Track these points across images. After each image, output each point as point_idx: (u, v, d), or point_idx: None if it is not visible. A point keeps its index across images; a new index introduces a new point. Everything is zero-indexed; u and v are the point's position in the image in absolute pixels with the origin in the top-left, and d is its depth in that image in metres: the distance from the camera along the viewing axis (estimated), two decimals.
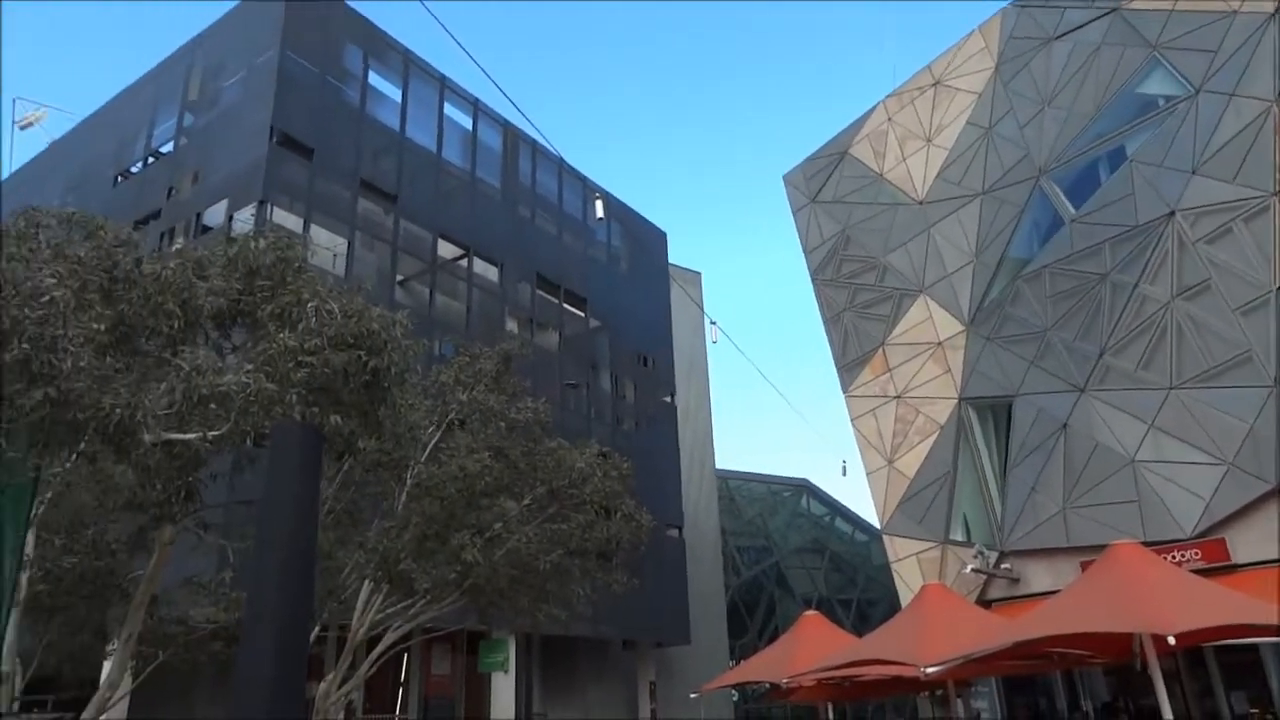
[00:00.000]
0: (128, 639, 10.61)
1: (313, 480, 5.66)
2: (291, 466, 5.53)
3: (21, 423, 7.64)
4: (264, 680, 5.01)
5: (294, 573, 5.30)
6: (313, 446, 5.72)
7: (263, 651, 5.08)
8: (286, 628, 5.15)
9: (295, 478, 5.50)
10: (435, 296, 26.47)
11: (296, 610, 5.26)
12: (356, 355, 8.81)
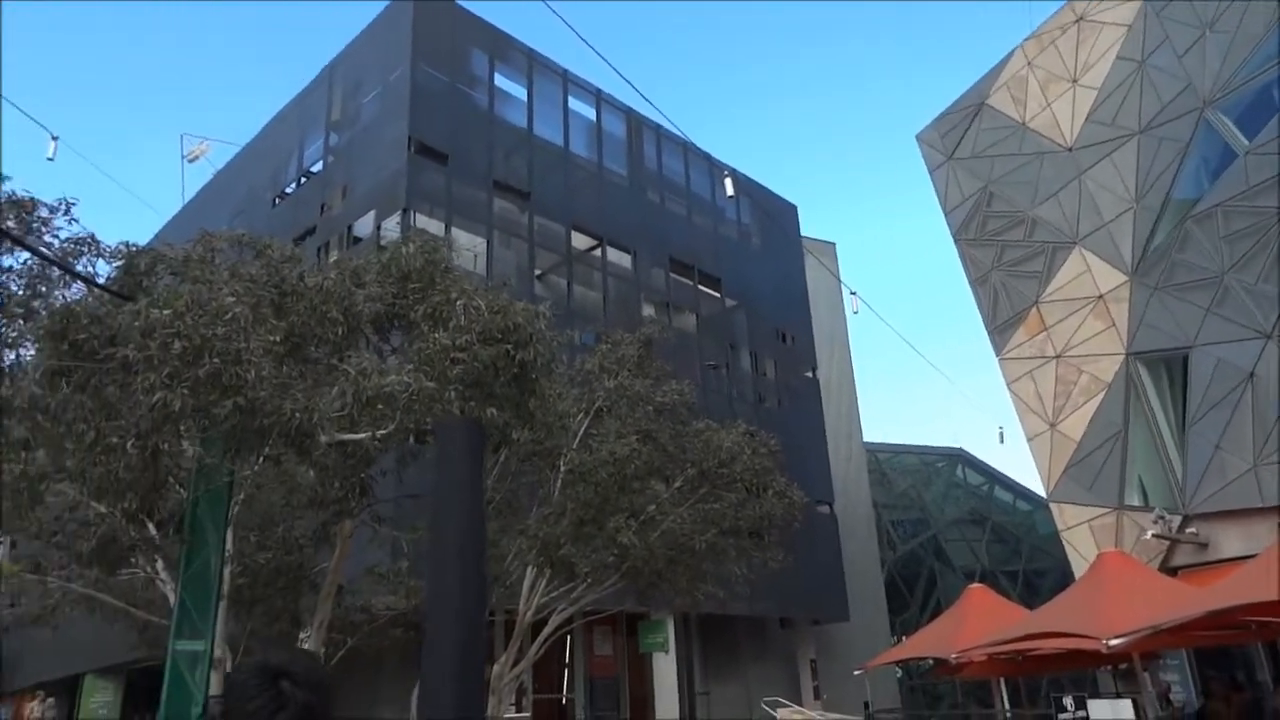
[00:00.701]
0: (319, 626, 11.45)
1: (477, 471, 5.91)
2: (457, 460, 5.79)
3: (216, 431, 8.34)
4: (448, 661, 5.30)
5: (468, 559, 5.56)
6: (475, 439, 5.97)
7: (445, 634, 5.36)
8: (464, 611, 5.42)
9: (461, 470, 5.76)
10: (572, 288, 27.00)
11: (472, 594, 5.52)
12: (505, 349, 9.13)
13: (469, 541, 5.66)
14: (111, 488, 9.28)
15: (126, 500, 9.64)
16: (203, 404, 7.45)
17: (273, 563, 12.19)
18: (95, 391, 8.04)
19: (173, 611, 10.54)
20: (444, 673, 5.28)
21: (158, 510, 10.54)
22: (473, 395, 9.16)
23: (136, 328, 7.44)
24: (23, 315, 10.18)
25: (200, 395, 7.40)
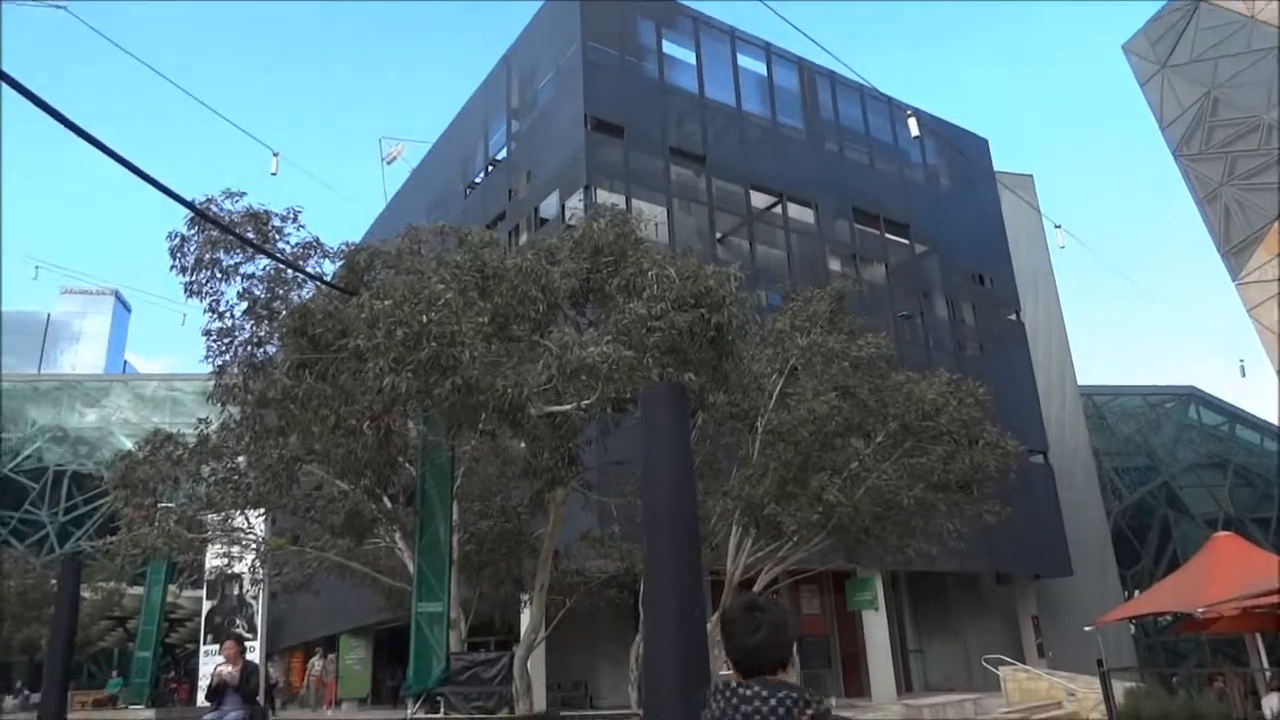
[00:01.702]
0: (540, 589, 12.13)
1: (683, 433, 6.03)
2: (663, 423, 5.94)
3: (437, 410, 8.99)
4: (668, 623, 5.46)
5: (680, 520, 5.70)
6: (679, 403, 6.09)
7: (664, 597, 5.53)
8: (680, 572, 5.56)
9: (668, 433, 5.90)
10: (755, 248, 26.75)
11: (688, 551, 5.65)
12: (699, 314, 9.21)
13: (680, 503, 5.80)
14: (352, 466, 10.24)
15: (365, 477, 10.61)
16: (425, 385, 8.03)
17: (494, 530, 13.01)
18: (333, 380, 8.86)
19: (412, 577, 11.53)
20: (665, 634, 5.44)
21: (392, 485, 11.52)
22: (670, 362, 9.32)
23: (363, 319, 8.12)
24: (266, 316, 11.37)
25: (422, 377, 7.98)
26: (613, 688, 20.64)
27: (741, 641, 2.21)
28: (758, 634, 2.21)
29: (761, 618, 2.22)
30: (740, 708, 2.04)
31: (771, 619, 2.23)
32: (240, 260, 10.98)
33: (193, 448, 12.65)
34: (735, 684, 2.14)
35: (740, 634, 2.22)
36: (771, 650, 2.19)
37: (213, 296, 10.99)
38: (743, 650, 2.20)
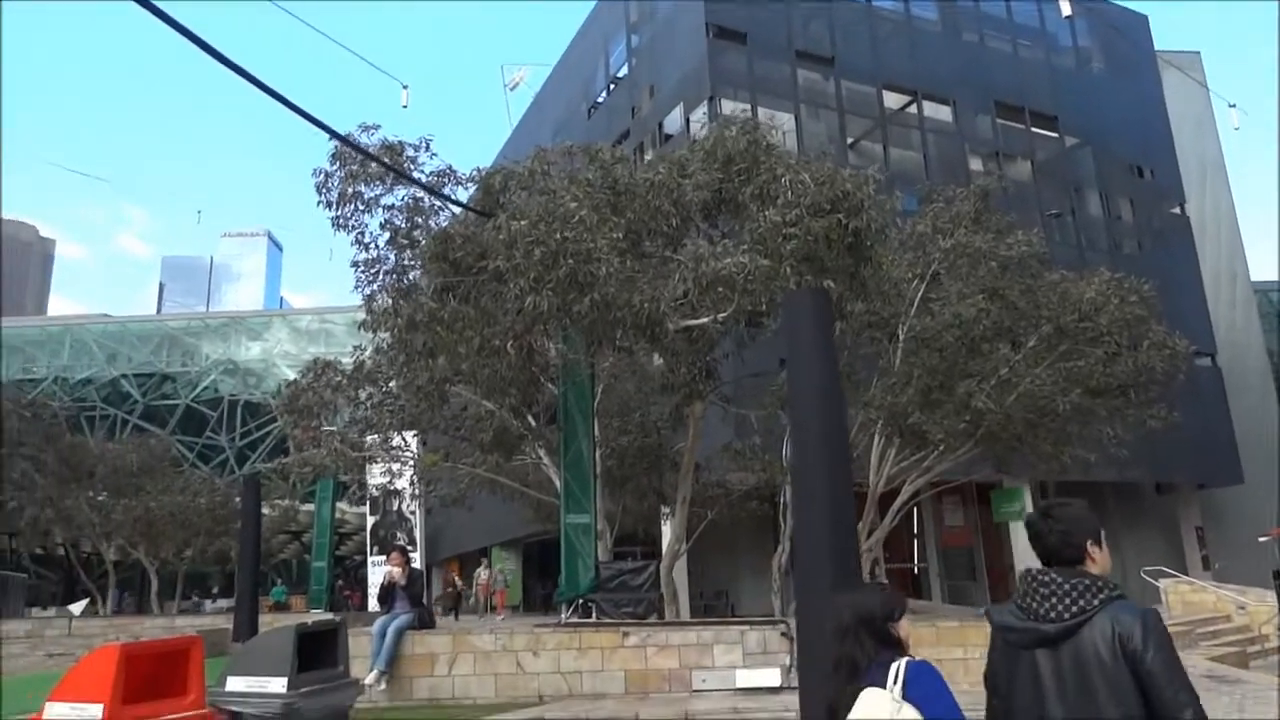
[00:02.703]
0: (682, 502, 12.35)
1: (828, 337, 5.89)
2: (808, 328, 5.81)
3: (576, 327, 9.13)
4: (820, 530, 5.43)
5: (829, 425, 5.61)
6: (823, 307, 5.94)
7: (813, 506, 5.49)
8: (832, 469, 5.50)
9: (812, 338, 5.78)
10: (888, 151, 25.56)
11: (837, 458, 5.58)
12: (836, 219, 8.90)
13: (828, 407, 5.70)
14: (497, 386, 10.60)
15: (510, 396, 10.97)
16: (564, 303, 8.14)
17: (634, 445, 13.28)
18: (475, 302, 9.12)
19: (559, 491, 11.95)
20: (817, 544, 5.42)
21: (536, 403, 11.88)
22: (806, 270, 9.10)
23: (501, 240, 8.27)
24: (408, 245, 11.76)
25: (561, 294, 8.09)
26: (754, 598, 21.02)
27: (1041, 543, 2.50)
28: (1051, 537, 2.47)
29: (1053, 523, 2.48)
30: (1038, 590, 2.37)
31: (1060, 524, 2.48)
32: (380, 192, 11.33)
33: (349, 374, 13.38)
34: (1038, 570, 2.45)
35: (1039, 536, 2.50)
36: (1064, 549, 2.44)
37: (357, 229, 11.43)
38: (1043, 550, 2.50)
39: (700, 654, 9.28)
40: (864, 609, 2.68)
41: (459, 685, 9.29)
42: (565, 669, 9.25)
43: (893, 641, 2.63)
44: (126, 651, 4.30)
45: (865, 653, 2.58)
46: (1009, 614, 2.47)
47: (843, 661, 2.61)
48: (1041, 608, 2.36)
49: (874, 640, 2.60)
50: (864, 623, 2.63)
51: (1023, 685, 2.40)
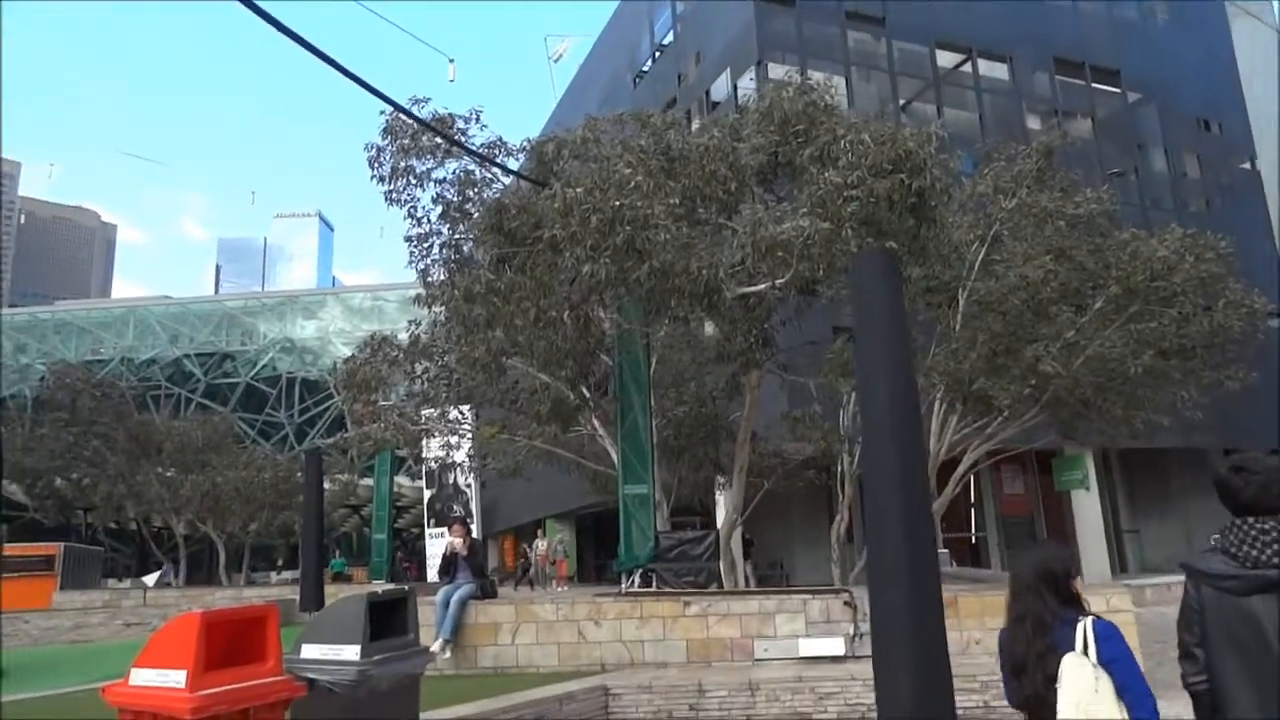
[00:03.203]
0: (739, 471, 12.26)
1: (897, 298, 5.69)
2: (876, 290, 5.63)
3: (632, 296, 9.05)
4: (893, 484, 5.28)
5: (900, 391, 5.45)
6: (891, 268, 5.74)
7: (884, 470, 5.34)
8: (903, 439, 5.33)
9: (881, 299, 5.60)
10: (942, 112, 24.86)
11: (909, 423, 5.42)
12: (899, 179, 8.66)
13: (898, 374, 5.52)
14: (554, 357, 10.59)
15: (566, 368, 10.96)
16: (623, 270, 8.06)
17: (690, 415, 13.20)
18: (530, 272, 9.08)
19: (616, 462, 11.94)
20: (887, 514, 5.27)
21: (592, 374, 11.85)
22: (866, 234, 8.88)
23: (556, 208, 8.19)
24: (459, 218, 11.76)
25: (619, 262, 8.00)
26: (810, 567, 20.92)
27: (1236, 498, 2.56)
28: (1248, 489, 2.53)
29: (1249, 476, 2.54)
30: (1257, 538, 2.45)
31: (1259, 475, 2.54)
32: (432, 165, 11.34)
33: (406, 348, 13.49)
34: (1253, 520, 2.50)
35: (1233, 492, 2.56)
36: (1260, 499, 2.51)
37: (410, 203, 11.46)
38: (1238, 504, 2.55)
39: (762, 623, 9.23)
40: (1045, 566, 2.73)
41: (522, 654, 9.38)
42: (627, 638, 9.27)
43: (1073, 598, 2.69)
44: (207, 620, 4.36)
45: (1050, 609, 2.64)
46: (1217, 563, 2.53)
47: (1027, 616, 2.67)
48: (1263, 555, 2.43)
49: (1056, 597, 2.66)
50: (1045, 580, 2.70)
51: (1233, 630, 2.46)
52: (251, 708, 4.39)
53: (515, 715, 7.14)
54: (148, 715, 4.24)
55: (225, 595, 23.06)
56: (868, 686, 8.12)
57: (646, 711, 8.19)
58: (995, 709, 8.11)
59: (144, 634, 19.57)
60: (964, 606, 9.05)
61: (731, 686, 8.17)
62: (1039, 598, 2.67)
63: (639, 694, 8.21)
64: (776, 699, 8.14)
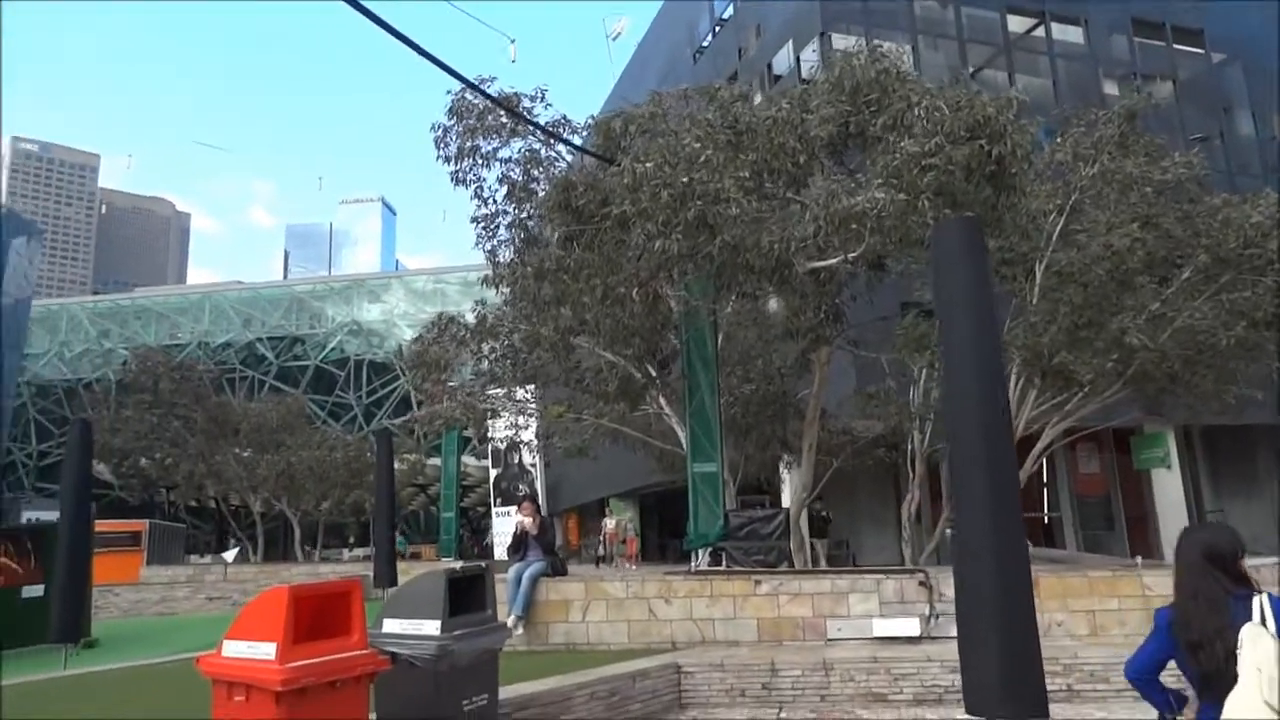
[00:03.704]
0: (808, 449, 12.10)
1: (982, 268, 5.49)
2: (959, 261, 5.43)
3: (701, 272, 8.94)
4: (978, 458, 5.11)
5: (985, 364, 5.26)
6: (975, 237, 5.53)
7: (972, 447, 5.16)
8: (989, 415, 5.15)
9: (966, 271, 5.40)
10: (1014, 79, 24.06)
11: (995, 398, 5.23)
12: (977, 146, 8.36)
13: (983, 347, 5.33)
14: (621, 335, 10.55)
15: (634, 346, 10.91)
16: (695, 245, 7.95)
17: (758, 393, 13.05)
18: (598, 249, 9.03)
19: (684, 440, 11.89)
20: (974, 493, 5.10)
21: (659, 352, 11.78)
22: (942, 205, 8.60)
23: (625, 185, 8.11)
24: (525, 198, 11.77)
25: (691, 237, 7.89)
26: (877, 548, 20.66)
27: None
28: None
29: None
30: None
31: None
32: (497, 145, 11.35)
33: (473, 328, 13.60)
34: None
35: None
36: None
37: (476, 183, 11.50)
38: None
39: (834, 603, 9.11)
40: (1214, 548, 2.83)
41: (593, 631, 9.43)
42: (697, 616, 9.25)
43: (1242, 577, 2.77)
44: (294, 594, 4.44)
45: (1222, 586, 2.72)
46: None
47: (1200, 594, 2.75)
48: None
49: (1226, 576, 2.74)
50: (1213, 560, 2.78)
51: None
52: (338, 680, 4.46)
53: (590, 691, 7.17)
54: (240, 686, 4.34)
55: (300, 571, 23.74)
56: (945, 668, 7.98)
57: (719, 690, 8.16)
58: (1079, 692, 7.89)
59: (225, 608, 20.34)
60: (1045, 587, 8.80)
61: (805, 666, 8.09)
62: (1208, 577, 2.76)
63: (711, 672, 8.19)
64: (851, 679, 8.04)
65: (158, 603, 21.16)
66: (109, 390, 42.25)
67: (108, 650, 12.46)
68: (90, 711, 6.80)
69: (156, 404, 32.27)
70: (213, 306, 58.56)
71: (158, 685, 8.15)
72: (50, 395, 54.59)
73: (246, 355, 55.87)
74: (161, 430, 32.40)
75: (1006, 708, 4.58)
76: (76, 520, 10.73)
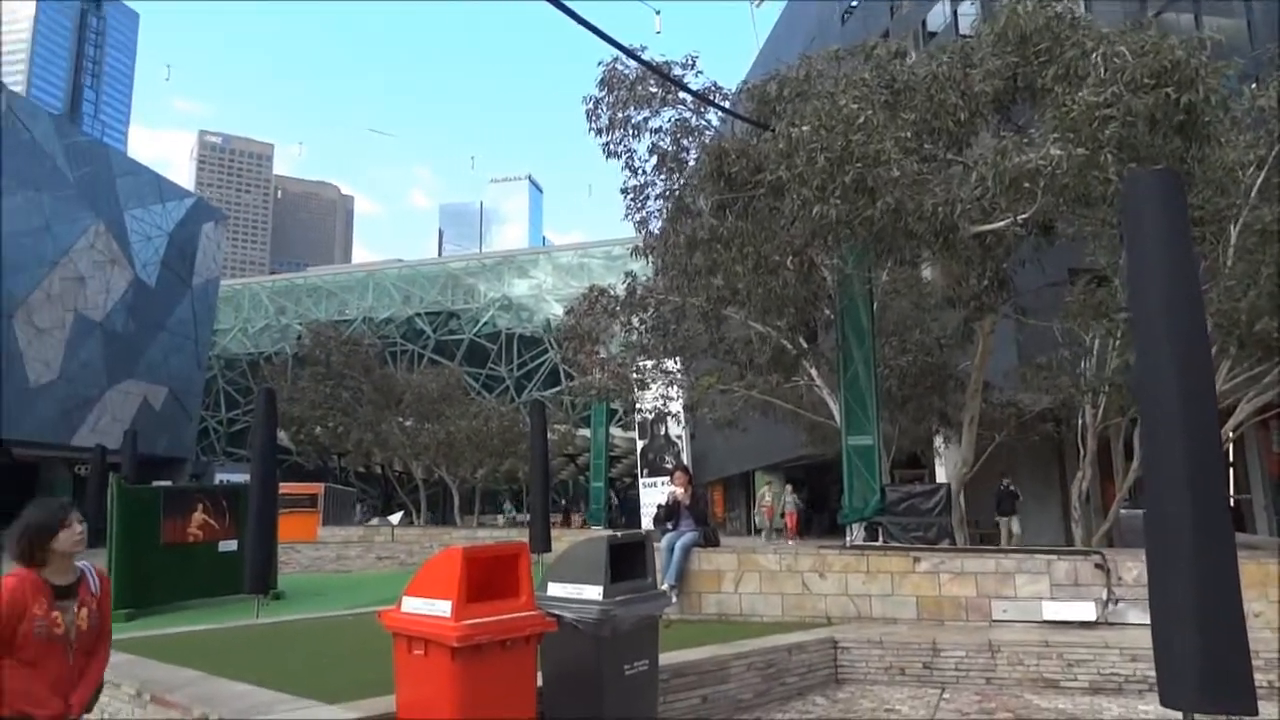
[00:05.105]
0: (970, 422, 11.57)
1: (1182, 226, 5.03)
2: (1155, 216, 4.99)
3: (858, 239, 8.64)
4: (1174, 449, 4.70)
5: (1184, 329, 4.83)
6: (1172, 190, 5.06)
7: (1169, 421, 4.75)
8: (1188, 389, 4.74)
9: (1163, 227, 4.95)
10: (1201, 22, 21.91)
11: (1197, 366, 4.80)
12: (1164, 94, 7.65)
13: (1182, 310, 4.89)
14: (773, 306, 10.38)
15: (787, 316, 10.72)
16: (855, 210, 7.68)
17: (915, 365, 12.58)
18: (751, 217, 8.88)
19: (837, 413, 11.64)
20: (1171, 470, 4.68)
21: (813, 322, 11.53)
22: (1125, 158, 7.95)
23: (780, 150, 7.92)
24: (675, 168, 11.73)
25: (851, 201, 7.63)
26: (1038, 528, 19.62)
27: None
28: None
29: None
30: None
31: None
32: (647, 115, 11.34)
33: (622, 300, 13.74)
34: None
35: None
36: None
37: (626, 154, 11.55)
38: None
39: (1000, 583, 8.70)
40: None
41: (746, 602, 9.40)
42: (853, 592, 9.05)
43: None
44: (467, 555, 4.61)
45: None
46: None
47: None
48: None
49: None
50: None
51: None
52: (509, 639, 4.62)
53: (747, 662, 7.16)
54: (419, 640, 4.57)
55: (460, 535, 24.92)
56: (1125, 656, 7.48)
57: (877, 667, 7.97)
58: None
59: (394, 566, 21.63)
60: (1245, 574, 8.07)
61: (969, 647, 7.78)
62: None
63: (869, 648, 8.01)
64: (1019, 662, 7.67)
65: (334, 560, 22.74)
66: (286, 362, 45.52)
67: (293, 602, 13.47)
68: (294, 655, 7.36)
69: (328, 375, 34.57)
70: (375, 284, 61.93)
71: (344, 634, 8.73)
72: (236, 368, 59.47)
73: (406, 329, 58.83)
74: (333, 400, 34.67)
75: (1208, 701, 4.23)
76: (264, 482, 11.62)
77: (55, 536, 3.24)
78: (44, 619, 3.14)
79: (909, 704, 7.12)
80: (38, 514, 3.30)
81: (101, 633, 3.38)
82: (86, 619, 3.28)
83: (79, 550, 3.34)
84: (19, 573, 3.19)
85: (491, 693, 4.52)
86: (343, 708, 5.05)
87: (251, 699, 5.37)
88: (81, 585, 3.31)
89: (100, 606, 3.37)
